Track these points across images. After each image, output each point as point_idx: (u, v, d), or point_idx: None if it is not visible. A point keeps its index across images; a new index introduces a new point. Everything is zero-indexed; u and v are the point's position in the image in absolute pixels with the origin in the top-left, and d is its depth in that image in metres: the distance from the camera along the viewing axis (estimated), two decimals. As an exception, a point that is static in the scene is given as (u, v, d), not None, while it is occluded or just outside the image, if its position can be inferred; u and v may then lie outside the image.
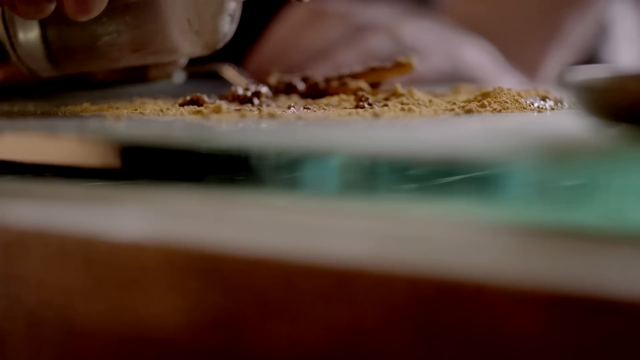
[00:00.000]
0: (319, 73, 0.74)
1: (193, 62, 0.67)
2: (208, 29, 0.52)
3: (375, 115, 0.46)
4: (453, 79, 0.78)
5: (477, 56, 0.80)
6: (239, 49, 0.85)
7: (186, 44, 0.52)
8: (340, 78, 0.58)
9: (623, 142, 0.33)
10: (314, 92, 0.58)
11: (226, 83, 0.66)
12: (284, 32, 0.77)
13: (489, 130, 0.38)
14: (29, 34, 0.53)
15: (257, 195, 0.35)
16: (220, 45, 0.54)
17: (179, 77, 0.66)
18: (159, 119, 0.47)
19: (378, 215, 0.32)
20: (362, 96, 0.52)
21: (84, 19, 0.49)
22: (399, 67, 0.58)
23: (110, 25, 0.51)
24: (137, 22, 0.51)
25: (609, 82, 0.34)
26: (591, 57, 1.00)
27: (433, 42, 0.78)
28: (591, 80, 0.34)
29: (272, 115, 0.46)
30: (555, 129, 0.38)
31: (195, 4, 0.51)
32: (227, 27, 0.53)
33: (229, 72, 0.65)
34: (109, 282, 0.33)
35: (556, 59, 0.89)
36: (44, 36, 0.53)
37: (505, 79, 0.82)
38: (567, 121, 0.37)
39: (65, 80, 0.67)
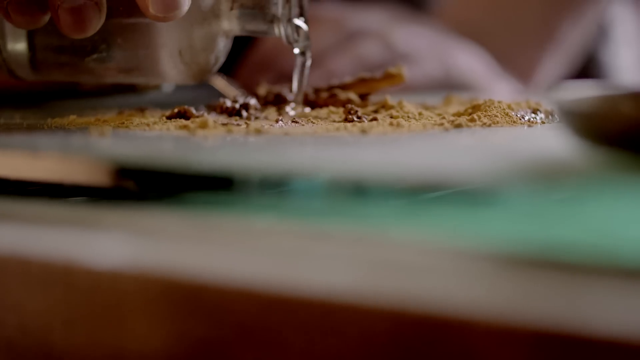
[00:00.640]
0: (310, 80, 0.74)
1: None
2: (198, 61, 0.52)
3: (363, 131, 0.45)
4: (446, 85, 0.77)
5: (470, 62, 0.80)
6: (230, 54, 0.85)
7: (174, 73, 0.52)
8: (330, 89, 0.57)
9: (610, 168, 0.33)
10: (303, 103, 0.57)
11: (215, 91, 0.66)
12: (275, 38, 0.76)
13: (473, 153, 0.38)
14: (17, 41, 0.53)
15: (240, 219, 0.35)
16: (206, 77, 0.54)
17: (168, 86, 0.65)
18: (144, 134, 0.46)
19: (361, 243, 0.31)
20: (351, 109, 0.52)
21: (79, 37, 0.49)
22: (389, 78, 0.57)
23: (101, 44, 0.51)
24: (129, 46, 0.51)
25: (595, 106, 0.33)
26: (591, 59, 0.99)
27: (425, 48, 0.77)
28: (578, 103, 0.34)
29: (258, 131, 0.46)
30: (542, 150, 0.38)
31: (189, 37, 0.51)
32: (216, 61, 0.53)
33: (219, 82, 0.65)
34: (89, 309, 0.32)
35: (551, 64, 0.89)
36: (31, 45, 0.53)
37: (498, 85, 0.82)
38: (555, 140, 0.37)
39: (55, 88, 0.67)
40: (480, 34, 0.86)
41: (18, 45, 0.53)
